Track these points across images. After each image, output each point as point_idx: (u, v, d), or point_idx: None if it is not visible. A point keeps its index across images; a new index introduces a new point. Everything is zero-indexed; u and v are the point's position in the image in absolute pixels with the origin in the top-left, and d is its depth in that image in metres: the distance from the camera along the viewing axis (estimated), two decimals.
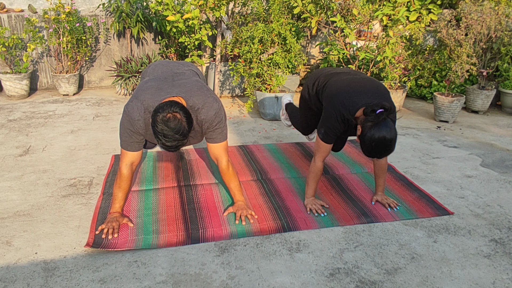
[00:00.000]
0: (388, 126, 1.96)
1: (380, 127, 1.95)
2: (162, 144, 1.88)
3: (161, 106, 1.85)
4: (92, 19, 5.24)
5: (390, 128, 1.96)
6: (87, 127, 3.83)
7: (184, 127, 1.85)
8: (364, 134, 1.99)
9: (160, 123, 1.82)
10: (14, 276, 1.75)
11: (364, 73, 2.46)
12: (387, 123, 1.96)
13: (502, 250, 2.04)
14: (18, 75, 4.76)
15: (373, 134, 1.95)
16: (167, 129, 1.82)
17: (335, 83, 2.29)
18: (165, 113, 1.83)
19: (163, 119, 1.82)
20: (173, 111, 1.84)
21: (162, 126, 1.82)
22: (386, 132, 1.94)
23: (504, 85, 4.71)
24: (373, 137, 1.95)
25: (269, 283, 1.76)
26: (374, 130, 1.95)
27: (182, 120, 1.85)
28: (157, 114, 1.84)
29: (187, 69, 2.40)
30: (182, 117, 1.86)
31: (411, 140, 3.70)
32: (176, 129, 1.83)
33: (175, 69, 2.36)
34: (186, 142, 1.97)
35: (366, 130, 1.98)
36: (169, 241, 2.02)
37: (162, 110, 1.84)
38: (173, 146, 1.89)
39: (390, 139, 1.96)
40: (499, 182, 2.84)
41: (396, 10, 4.48)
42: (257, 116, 4.36)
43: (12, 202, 2.38)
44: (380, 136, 1.94)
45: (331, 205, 2.42)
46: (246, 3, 4.85)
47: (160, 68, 2.38)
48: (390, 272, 1.85)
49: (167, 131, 1.82)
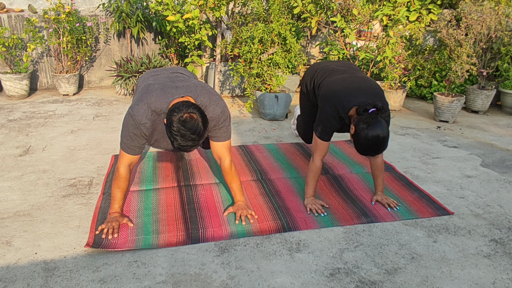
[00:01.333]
0: (381, 125, 2.02)
1: (373, 126, 2.01)
2: (178, 145, 1.89)
3: (177, 106, 1.86)
4: (92, 19, 5.24)
5: (383, 127, 2.03)
6: (87, 127, 3.83)
7: (200, 127, 1.87)
8: (358, 133, 2.05)
9: (176, 123, 1.83)
10: (14, 276, 1.75)
11: (359, 70, 2.52)
12: (380, 122, 2.03)
13: (502, 250, 2.04)
14: (18, 75, 4.76)
15: (367, 133, 2.01)
16: (183, 129, 1.83)
17: (330, 83, 2.35)
18: (182, 113, 1.84)
19: (180, 119, 1.83)
20: (190, 112, 1.85)
21: (178, 126, 1.83)
22: (379, 131, 2.01)
23: (504, 85, 4.71)
24: (367, 136, 2.01)
25: (269, 283, 1.76)
26: (368, 129, 2.01)
27: (198, 120, 1.86)
28: (174, 114, 1.85)
29: (180, 73, 2.41)
30: (199, 117, 1.87)
31: (411, 140, 3.70)
32: (193, 129, 1.84)
33: (169, 74, 2.36)
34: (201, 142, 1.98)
35: (359, 130, 2.05)
36: (169, 241, 2.02)
37: (178, 110, 1.85)
38: (189, 146, 1.89)
39: (383, 137, 2.02)
40: (499, 182, 2.84)
41: (396, 10, 4.48)
42: (257, 116, 4.36)
43: (12, 202, 2.38)
44: (373, 135, 2.01)
45: (331, 205, 2.42)
46: (246, 3, 4.85)
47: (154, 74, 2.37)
48: (390, 272, 1.85)
49: (184, 131, 1.83)
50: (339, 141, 3.55)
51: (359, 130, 2.04)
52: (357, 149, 2.09)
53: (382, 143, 2.03)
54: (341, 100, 2.20)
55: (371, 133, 2.01)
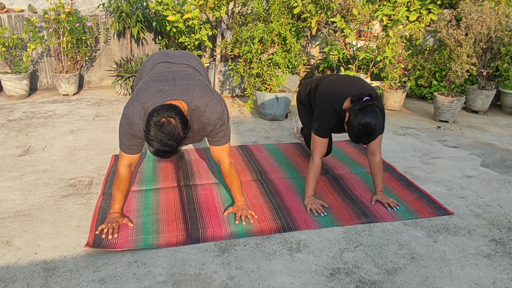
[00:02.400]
0: (374, 112, 2.07)
1: (366, 112, 2.07)
2: (155, 150, 1.77)
3: (156, 110, 1.75)
4: (92, 19, 5.24)
5: (376, 114, 2.08)
6: (87, 127, 3.83)
7: (178, 133, 1.75)
8: (351, 120, 2.11)
9: (153, 128, 1.72)
10: (14, 276, 1.75)
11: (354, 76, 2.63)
12: (373, 109, 2.08)
13: (502, 250, 2.04)
14: (18, 75, 4.76)
15: (360, 118, 2.07)
16: (160, 135, 1.71)
17: (325, 83, 2.47)
18: (159, 117, 1.72)
19: (157, 123, 1.72)
20: (168, 116, 1.73)
21: (155, 131, 1.72)
22: (371, 118, 2.06)
23: (504, 85, 4.71)
24: (360, 121, 2.07)
25: (269, 283, 1.76)
26: (360, 115, 2.07)
27: (177, 126, 1.75)
28: (151, 118, 1.73)
29: (188, 65, 2.32)
30: (177, 123, 1.75)
31: (411, 140, 3.70)
32: (170, 135, 1.72)
33: (175, 66, 2.27)
34: (180, 149, 1.88)
35: (352, 116, 2.11)
36: (169, 241, 2.02)
37: (157, 114, 1.74)
38: (166, 152, 1.78)
39: (375, 124, 2.07)
40: (499, 182, 2.84)
41: (396, 10, 4.49)
42: (257, 116, 4.36)
43: (12, 202, 2.38)
44: (365, 121, 2.06)
45: (331, 205, 2.42)
46: (246, 3, 4.85)
47: (160, 66, 2.29)
48: (390, 272, 1.85)
49: (161, 136, 1.72)
50: (339, 141, 3.55)
51: (352, 116, 2.11)
52: (350, 136, 2.15)
53: (374, 129, 2.07)
54: (335, 94, 2.29)
55: (363, 119, 2.06)
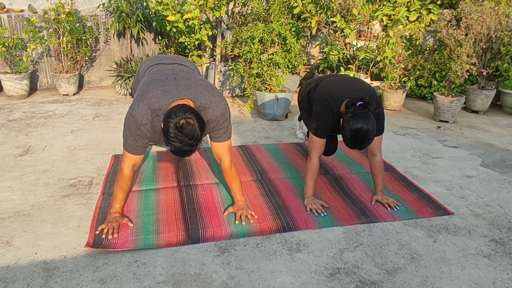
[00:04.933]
0: (366, 117, 2.07)
1: (358, 118, 2.06)
2: (176, 149, 1.86)
3: (174, 112, 1.83)
4: (92, 19, 5.24)
5: (368, 119, 2.07)
6: (87, 127, 3.83)
7: (197, 133, 1.84)
8: (343, 126, 2.12)
9: (173, 129, 1.80)
10: (14, 276, 1.75)
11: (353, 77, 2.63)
12: (365, 115, 2.07)
13: (502, 250, 2.04)
14: (18, 75, 4.76)
15: (351, 124, 2.07)
16: (180, 135, 1.80)
17: (324, 83, 2.48)
18: (179, 119, 1.80)
19: (177, 125, 1.80)
20: (186, 117, 1.82)
21: (175, 132, 1.80)
22: (363, 123, 2.06)
23: (504, 85, 4.71)
24: (351, 127, 2.07)
25: (269, 283, 1.76)
26: (352, 121, 2.07)
27: (195, 125, 1.83)
28: (170, 120, 1.81)
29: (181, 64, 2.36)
30: (195, 123, 1.84)
31: (411, 140, 3.70)
32: (191, 135, 1.81)
33: (169, 66, 2.31)
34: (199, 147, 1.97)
35: (345, 121, 2.11)
36: (169, 241, 2.02)
37: (174, 115, 1.81)
38: (187, 151, 1.87)
39: (367, 129, 2.06)
40: (499, 182, 2.84)
41: (396, 10, 4.48)
42: (257, 116, 4.36)
43: (12, 202, 2.38)
44: (357, 127, 2.06)
45: (331, 205, 2.42)
46: (246, 3, 4.85)
47: (154, 68, 2.32)
48: (390, 272, 1.85)
49: (181, 136, 1.80)
50: (339, 141, 3.55)
51: (344, 122, 2.11)
52: (344, 141, 2.15)
53: (366, 135, 2.07)
54: (333, 95, 2.30)
55: (355, 125, 2.06)
